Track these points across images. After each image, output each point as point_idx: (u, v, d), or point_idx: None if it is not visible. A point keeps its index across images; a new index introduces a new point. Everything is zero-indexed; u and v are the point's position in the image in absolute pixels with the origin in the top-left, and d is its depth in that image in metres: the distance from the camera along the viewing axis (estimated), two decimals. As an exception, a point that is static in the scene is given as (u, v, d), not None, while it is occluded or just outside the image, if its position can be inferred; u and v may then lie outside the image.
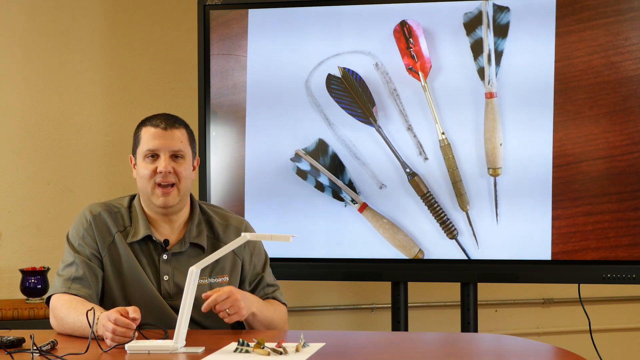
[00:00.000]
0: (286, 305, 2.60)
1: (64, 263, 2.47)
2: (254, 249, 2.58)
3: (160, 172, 2.43)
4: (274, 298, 2.58)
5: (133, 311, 2.20)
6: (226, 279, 2.52)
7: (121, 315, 2.18)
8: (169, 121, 2.48)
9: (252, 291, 2.54)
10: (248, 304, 2.36)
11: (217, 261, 2.46)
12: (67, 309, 2.35)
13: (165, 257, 2.48)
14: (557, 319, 4.18)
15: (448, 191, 3.34)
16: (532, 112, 3.28)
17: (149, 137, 2.45)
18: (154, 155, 2.45)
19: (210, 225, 2.55)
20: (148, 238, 2.48)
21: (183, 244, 2.49)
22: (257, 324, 2.43)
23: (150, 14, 4.00)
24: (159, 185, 2.44)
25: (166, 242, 2.49)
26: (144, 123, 2.51)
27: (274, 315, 2.49)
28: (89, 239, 2.48)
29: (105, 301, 2.48)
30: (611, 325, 4.19)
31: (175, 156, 2.45)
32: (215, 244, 2.51)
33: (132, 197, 2.57)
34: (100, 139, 3.95)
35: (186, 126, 2.52)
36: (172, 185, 2.44)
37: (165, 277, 2.47)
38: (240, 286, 2.54)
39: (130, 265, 2.46)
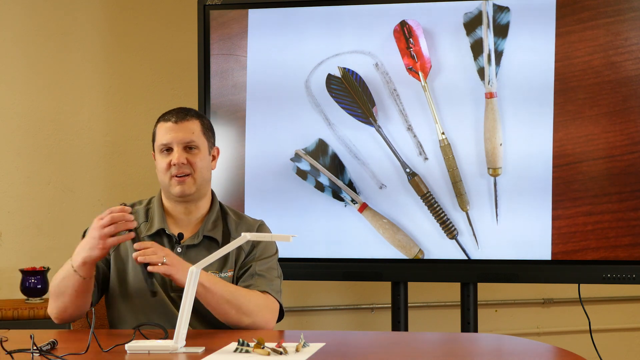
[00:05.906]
0: (279, 302, 2.50)
1: None
2: (260, 242, 2.56)
3: (174, 165, 2.49)
4: (263, 291, 2.48)
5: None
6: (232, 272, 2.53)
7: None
8: (180, 114, 2.54)
9: (239, 277, 2.51)
10: (184, 271, 2.27)
11: (227, 256, 2.50)
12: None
13: (179, 250, 2.51)
14: (557, 319, 4.18)
15: (448, 191, 3.34)
16: (532, 111, 3.28)
17: (162, 132, 2.53)
18: (168, 149, 2.51)
19: (225, 222, 2.59)
20: (162, 232, 2.53)
21: (197, 237, 2.52)
22: (213, 300, 2.35)
23: (150, 14, 4.00)
24: (175, 176, 2.50)
25: (180, 235, 2.52)
26: (159, 119, 2.58)
27: (238, 296, 2.38)
28: None
29: (108, 298, 2.53)
30: (611, 325, 4.19)
31: (189, 147, 2.51)
32: (229, 240, 2.52)
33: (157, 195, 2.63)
34: (100, 139, 3.95)
35: (200, 117, 2.58)
36: (188, 175, 2.50)
37: None
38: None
39: (135, 264, 2.47)
